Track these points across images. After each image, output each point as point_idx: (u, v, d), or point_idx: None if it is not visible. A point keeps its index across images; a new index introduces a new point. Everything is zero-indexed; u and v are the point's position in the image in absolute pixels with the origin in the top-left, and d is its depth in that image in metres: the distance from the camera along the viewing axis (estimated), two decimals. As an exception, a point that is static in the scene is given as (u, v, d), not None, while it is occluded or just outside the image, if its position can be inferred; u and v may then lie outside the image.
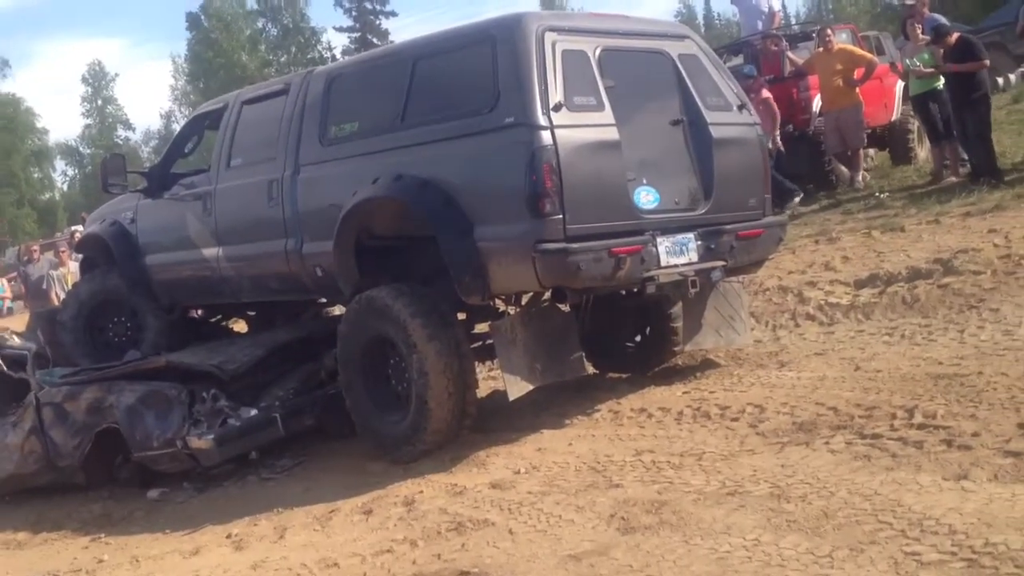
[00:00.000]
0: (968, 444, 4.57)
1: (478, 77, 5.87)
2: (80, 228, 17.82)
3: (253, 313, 9.08)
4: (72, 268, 13.80)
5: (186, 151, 8.64)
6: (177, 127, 63.93)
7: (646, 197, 5.92)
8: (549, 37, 5.74)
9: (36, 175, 61.86)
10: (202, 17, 62.40)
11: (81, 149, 68.41)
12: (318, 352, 7.26)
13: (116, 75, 71.10)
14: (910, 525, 3.87)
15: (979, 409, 5.00)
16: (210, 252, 7.59)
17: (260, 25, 64.56)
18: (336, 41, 60.86)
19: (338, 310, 8.23)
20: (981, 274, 7.71)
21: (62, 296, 12.82)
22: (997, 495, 4.01)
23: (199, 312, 8.98)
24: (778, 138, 12.37)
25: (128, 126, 69.91)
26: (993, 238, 8.49)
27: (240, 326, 9.49)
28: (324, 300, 8.12)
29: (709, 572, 3.83)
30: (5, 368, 7.94)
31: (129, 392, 7.02)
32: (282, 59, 63.08)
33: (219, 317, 9.26)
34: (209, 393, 6.82)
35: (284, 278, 7.10)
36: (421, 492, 5.48)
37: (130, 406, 6.93)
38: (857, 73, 12.62)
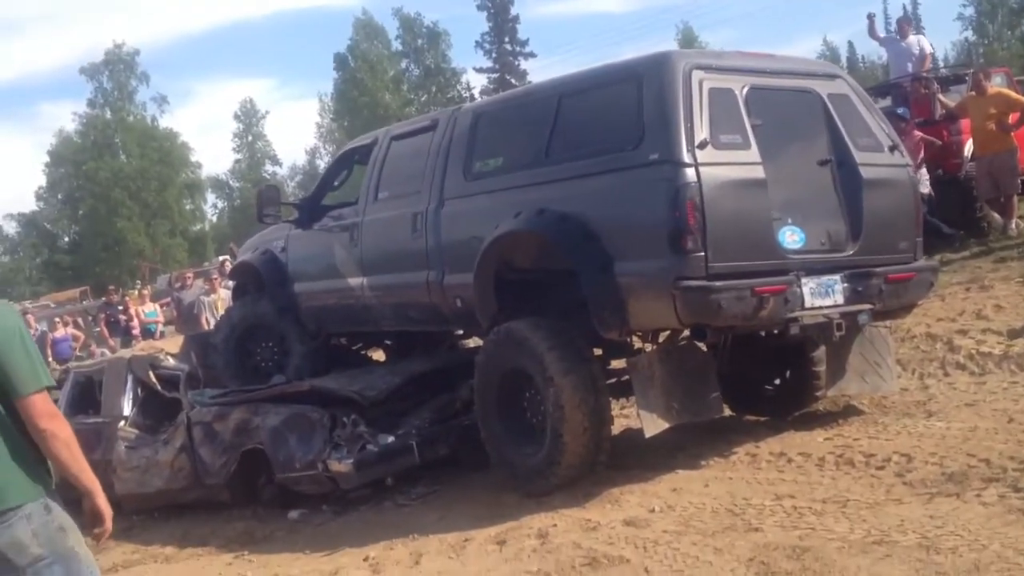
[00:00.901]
0: None
1: (624, 114, 5.91)
2: (229, 258, 18.64)
3: (391, 343, 9.31)
4: (223, 295, 14.41)
5: (336, 184, 8.97)
6: (322, 163, 66.25)
7: (791, 237, 5.83)
8: (696, 75, 5.74)
9: (188, 207, 64.67)
10: (349, 58, 64.57)
11: (231, 183, 71.49)
12: (454, 383, 7.39)
13: (266, 112, 74.05)
14: (1070, 583, 3.67)
15: None
16: (355, 281, 7.83)
17: (403, 66, 66.38)
18: (475, 81, 61.99)
19: (474, 342, 8.36)
20: None
21: (212, 321, 13.42)
22: None
23: (341, 340, 9.24)
24: (927, 181, 12.00)
25: (276, 161, 72.60)
26: None
27: (379, 355, 9.72)
28: (461, 332, 8.27)
29: (853, 622, 3.72)
30: (159, 388, 8.34)
31: (274, 415, 7.27)
32: (423, 99, 64.65)
33: (359, 345, 9.52)
34: (350, 418, 7.01)
35: (424, 308, 7.25)
36: (555, 525, 5.49)
37: (275, 428, 7.17)
38: (1012, 118, 12.13)
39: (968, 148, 12.59)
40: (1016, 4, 52.00)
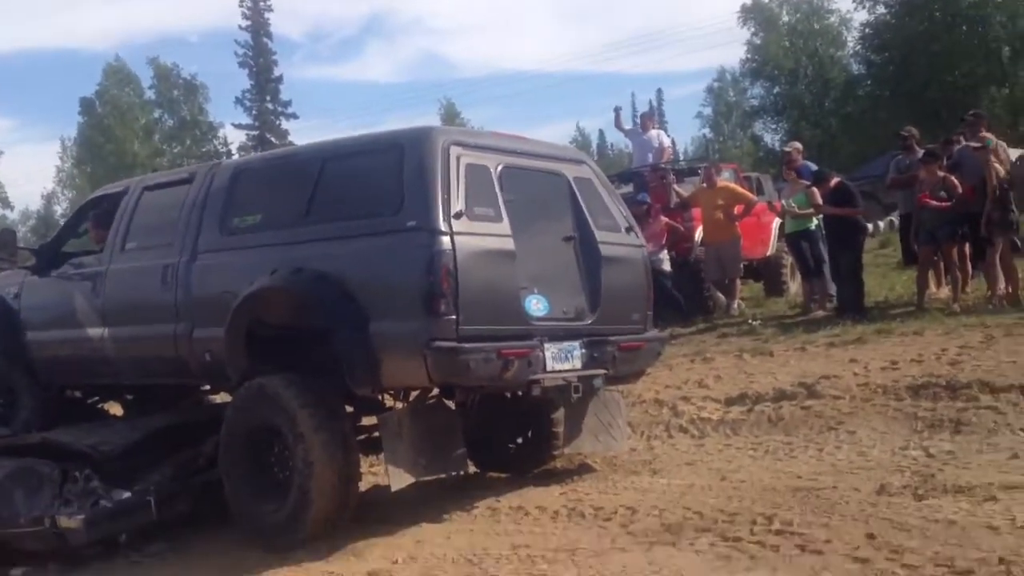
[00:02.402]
0: (820, 550, 4.90)
1: (385, 181, 6.12)
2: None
3: (131, 397, 8.95)
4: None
5: (80, 231, 8.62)
6: (60, 208, 62.33)
7: (536, 305, 6.20)
8: (454, 151, 6.06)
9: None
10: (97, 103, 61.62)
11: (-47, 226, 65.98)
12: (198, 438, 7.22)
13: (0, 153, 69.17)
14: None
15: (832, 519, 5.35)
16: (95, 332, 7.52)
17: (156, 115, 63.95)
18: (233, 137, 60.53)
19: (219, 398, 8.21)
20: (841, 399, 8.25)
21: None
22: (844, 596, 4.31)
23: (76, 393, 8.79)
24: (668, 261, 13.04)
25: (6, 204, 67.93)
26: (853, 367, 9.06)
27: (117, 409, 9.30)
28: (208, 387, 8.10)
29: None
30: None
31: (-1, 467, 6.83)
32: (175, 150, 62.46)
33: (96, 399, 9.09)
34: (82, 473, 6.70)
35: (169, 362, 7.07)
36: (297, 580, 5.49)
37: (-2, 481, 6.73)
38: (737, 209, 13.42)
39: (698, 234, 13.78)
40: (748, 108, 57.28)
